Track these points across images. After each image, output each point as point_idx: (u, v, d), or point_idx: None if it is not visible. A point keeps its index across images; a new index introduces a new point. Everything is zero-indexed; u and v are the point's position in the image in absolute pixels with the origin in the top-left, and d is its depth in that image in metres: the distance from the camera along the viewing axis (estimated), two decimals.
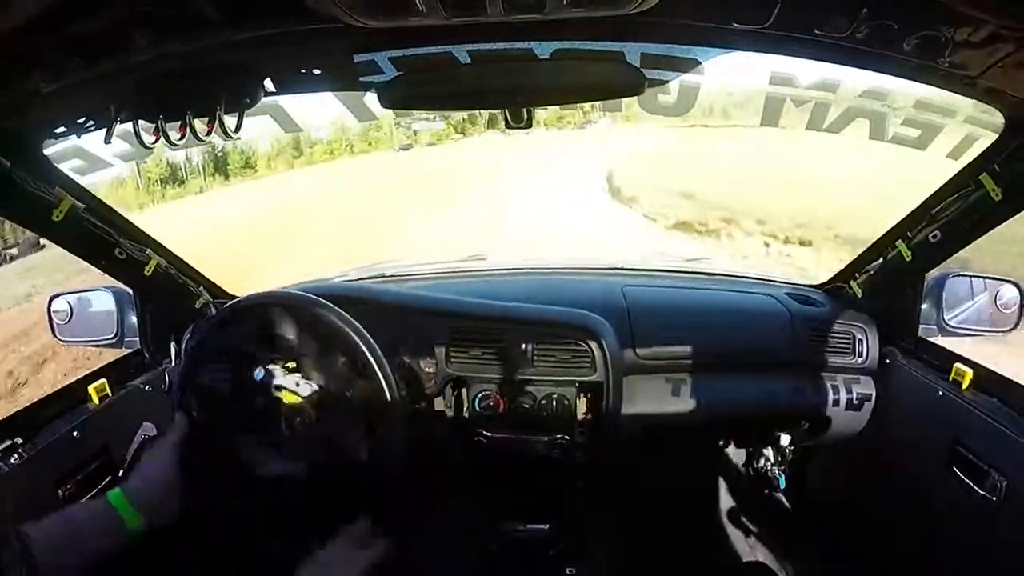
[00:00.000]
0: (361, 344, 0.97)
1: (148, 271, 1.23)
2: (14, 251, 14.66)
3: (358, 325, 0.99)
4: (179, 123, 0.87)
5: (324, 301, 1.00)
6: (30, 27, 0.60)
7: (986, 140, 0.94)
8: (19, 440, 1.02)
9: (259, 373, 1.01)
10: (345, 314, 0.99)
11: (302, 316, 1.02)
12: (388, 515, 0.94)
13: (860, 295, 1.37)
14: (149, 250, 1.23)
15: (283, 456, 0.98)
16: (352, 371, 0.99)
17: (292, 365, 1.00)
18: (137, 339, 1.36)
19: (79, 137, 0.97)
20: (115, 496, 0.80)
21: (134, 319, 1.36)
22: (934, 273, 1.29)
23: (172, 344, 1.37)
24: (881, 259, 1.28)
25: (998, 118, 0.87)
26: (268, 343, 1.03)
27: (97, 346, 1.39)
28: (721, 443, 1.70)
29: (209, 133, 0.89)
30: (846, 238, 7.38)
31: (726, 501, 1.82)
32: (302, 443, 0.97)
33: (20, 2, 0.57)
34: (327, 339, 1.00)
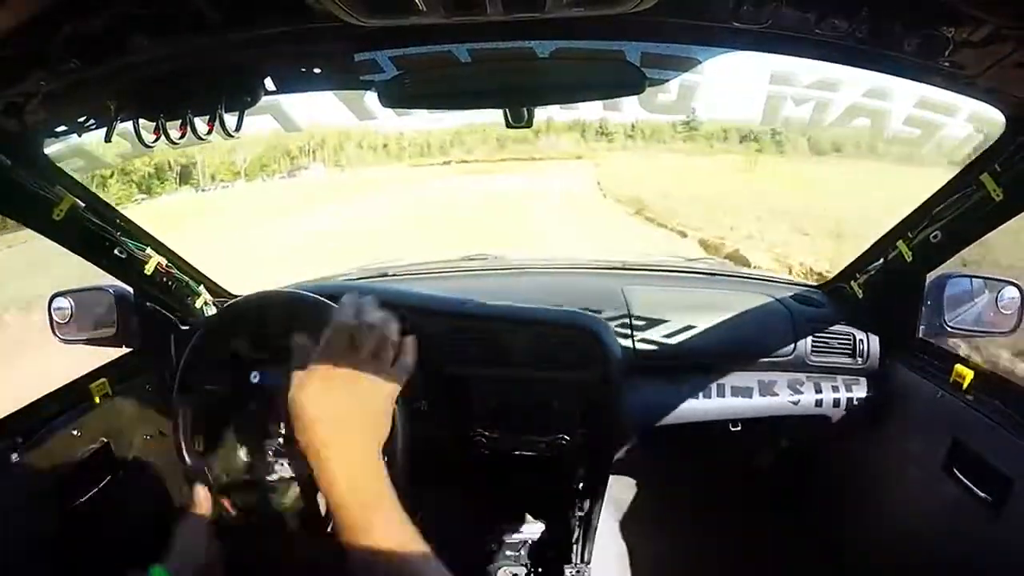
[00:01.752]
0: None
1: (148, 270, 1.23)
2: None
3: None
4: (179, 122, 0.87)
5: (328, 302, 1.00)
6: (30, 26, 0.60)
7: (987, 140, 0.94)
8: (20, 439, 1.03)
9: (255, 376, 1.01)
10: None
11: (305, 317, 1.01)
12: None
13: (861, 295, 1.37)
14: (149, 249, 1.23)
15: (283, 457, 0.98)
16: None
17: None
18: (138, 338, 1.37)
19: (80, 136, 0.97)
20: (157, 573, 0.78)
21: (134, 318, 1.36)
22: (935, 274, 1.29)
23: (172, 343, 1.37)
24: (882, 259, 1.28)
25: (999, 118, 0.87)
26: (267, 345, 1.03)
27: (97, 344, 1.39)
28: (720, 443, 1.70)
29: (210, 132, 0.89)
30: None
31: (725, 501, 1.82)
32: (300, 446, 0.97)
33: (20, 2, 0.57)
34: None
